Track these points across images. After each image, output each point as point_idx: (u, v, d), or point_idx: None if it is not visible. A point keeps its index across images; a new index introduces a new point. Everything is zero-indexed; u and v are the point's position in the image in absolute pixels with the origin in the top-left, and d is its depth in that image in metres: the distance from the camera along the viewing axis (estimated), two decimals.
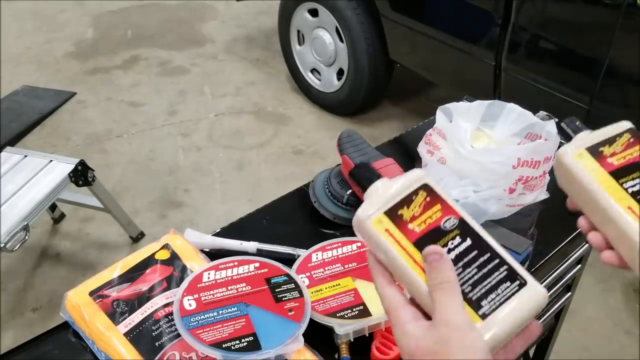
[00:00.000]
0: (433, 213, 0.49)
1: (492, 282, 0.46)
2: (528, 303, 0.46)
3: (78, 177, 1.91)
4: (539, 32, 1.87)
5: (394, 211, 0.49)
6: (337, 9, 2.56)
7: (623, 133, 0.56)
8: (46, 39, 3.79)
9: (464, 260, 0.47)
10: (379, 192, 0.51)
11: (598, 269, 2.00)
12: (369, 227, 0.49)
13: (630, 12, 1.52)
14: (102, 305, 0.75)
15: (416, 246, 0.48)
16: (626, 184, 0.53)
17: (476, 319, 0.45)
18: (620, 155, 0.55)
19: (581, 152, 0.56)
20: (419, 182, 0.51)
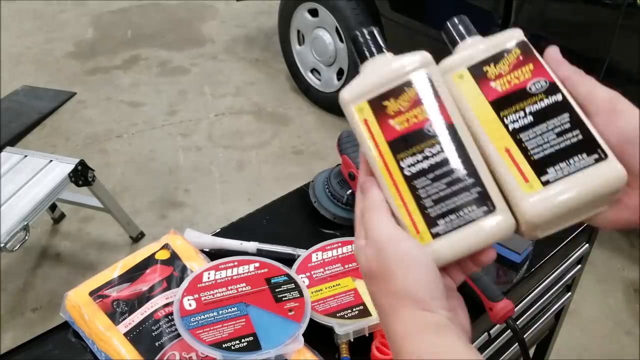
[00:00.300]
0: (420, 112, 0.44)
1: (457, 202, 0.42)
2: (488, 231, 0.42)
3: (78, 177, 1.91)
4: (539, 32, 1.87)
5: (378, 101, 0.45)
6: (337, 9, 2.56)
7: (512, 49, 0.47)
8: (46, 39, 3.79)
9: (435, 172, 0.43)
10: (373, 71, 0.46)
11: (598, 269, 2.00)
12: (351, 111, 0.46)
13: (631, 12, 1.52)
14: (102, 305, 0.75)
15: (390, 147, 0.44)
16: (507, 118, 0.44)
17: (427, 237, 0.42)
18: (506, 78, 0.46)
19: (462, 73, 0.47)
20: (419, 70, 0.45)
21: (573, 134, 0.42)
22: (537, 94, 0.44)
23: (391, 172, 0.44)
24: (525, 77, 0.45)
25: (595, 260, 2.00)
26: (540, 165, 0.42)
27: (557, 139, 0.43)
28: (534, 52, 0.46)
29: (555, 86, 0.44)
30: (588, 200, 0.41)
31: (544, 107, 0.44)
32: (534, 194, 0.42)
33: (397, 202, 0.44)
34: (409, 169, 0.44)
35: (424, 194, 0.43)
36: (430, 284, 0.40)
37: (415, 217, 0.43)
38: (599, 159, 0.41)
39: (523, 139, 0.43)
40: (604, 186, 0.41)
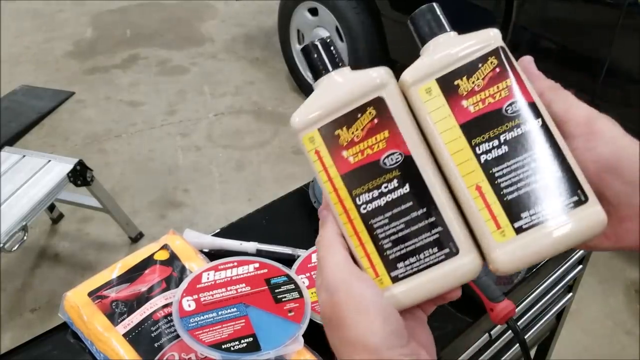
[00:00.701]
0: (377, 141, 0.40)
1: (417, 243, 0.39)
2: (451, 275, 0.39)
3: (77, 177, 1.90)
4: (540, 31, 1.87)
5: (329, 129, 0.40)
6: (337, 8, 2.55)
7: (487, 57, 0.39)
8: (45, 39, 3.78)
9: (394, 210, 0.39)
10: (325, 93, 0.42)
11: (600, 270, 2.00)
12: (300, 141, 0.41)
13: (632, 11, 1.52)
14: (101, 305, 0.74)
15: (344, 181, 0.40)
16: (480, 147, 0.39)
17: (387, 280, 0.39)
18: (480, 95, 0.39)
19: (430, 86, 0.40)
20: (372, 93, 0.40)
21: (551, 170, 0.38)
22: (514, 118, 0.38)
23: (347, 209, 0.40)
24: (501, 95, 0.39)
25: (597, 260, 2.00)
26: (514, 209, 0.38)
27: (533, 175, 0.38)
28: (513, 61, 0.40)
29: (534, 108, 0.39)
30: (565, 247, 0.38)
31: (522, 134, 0.38)
32: (505, 243, 0.38)
33: (354, 241, 0.40)
34: (365, 206, 0.40)
35: (382, 234, 0.39)
36: (386, 332, 0.36)
37: (373, 259, 0.40)
38: (579, 202, 0.37)
39: (496, 174, 0.38)
40: (583, 233, 0.37)
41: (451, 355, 0.76)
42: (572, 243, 0.38)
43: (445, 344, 0.73)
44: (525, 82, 0.39)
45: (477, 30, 0.41)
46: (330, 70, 0.43)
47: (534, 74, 0.41)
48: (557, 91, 0.40)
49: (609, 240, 0.40)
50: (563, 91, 0.40)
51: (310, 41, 0.43)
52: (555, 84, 0.41)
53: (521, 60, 0.41)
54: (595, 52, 1.69)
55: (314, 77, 0.43)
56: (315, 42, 0.43)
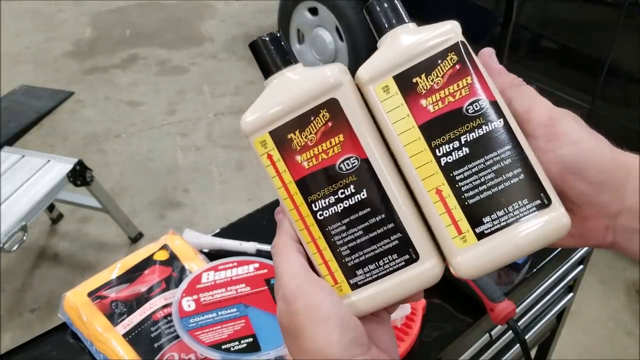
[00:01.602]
0: (332, 145, 0.38)
1: (376, 250, 0.38)
2: (412, 281, 0.38)
3: (76, 177, 1.90)
4: (540, 31, 1.86)
5: (282, 133, 0.39)
6: (337, 8, 2.55)
7: (447, 52, 0.37)
8: (44, 38, 3.78)
9: (351, 217, 0.38)
10: (276, 93, 0.40)
11: (600, 270, 2.00)
12: (251, 145, 0.40)
13: (632, 11, 1.52)
14: (101, 306, 0.74)
15: (299, 187, 0.39)
16: (440, 150, 0.37)
17: (346, 288, 0.38)
18: (439, 94, 0.37)
19: (388, 84, 0.38)
20: (326, 94, 0.38)
21: (514, 172, 0.36)
22: (475, 118, 0.37)
23: (303, 216, 0.39)
24: (462, 93, 0.37)
25: (597, 261, 1.99)
26: (475, 213, 0.37)
27: (495, 178, 0.37)
28: (474, 57, 0.38)
29: (496, 107, 0.37)
30: (528, 251, 0.37)
31: (483, 135, 0.37)
32: (467, 249, 0.37)
33: (312, 248, 0.39)
34: (322, 212, 0.38)
35: (340, 241, 0.38)
36: (344, 342, 0.35)
37: (332, 266, 0.39)
38: (542, 205, 0.36)
39: (457, 177, 0.37)
40: (547, 237, 0.37)
41: (451, 355, 0.76)
42: (534, 248, 0.37)
43: (445, 344, 0.73)
44: (487, 80, 0.38)
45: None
46: (281, 68, 0.41)
47: (494, 69, 0.39)
48: (518, 88, 0.39)
49: (574, 239, 0.39)
50: (525, 87, 0.39)
51: (259, 36, 0.41)
52: (517, 79, 0.39)
53: (481, 53, 0.40)
54: (595, 52, 1.69)
55: (265, 76, 0.41)
56: (264, 38, 0.41)
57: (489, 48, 0.40)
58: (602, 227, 0.38)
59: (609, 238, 0.38)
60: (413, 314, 0.73)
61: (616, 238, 0.38)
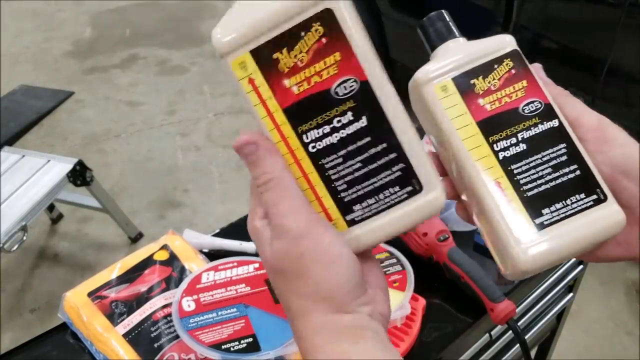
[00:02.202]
0: (327, 66, 0.33)
1: (377, 183, 0.35)
2: (413, 214, 0.35)
3: (76, 177, 1.90)
4: (541, 31, 1.87)
5: (266, 52, 0.33)
6: None
7: (503, 59, 0.39)
8: (44, 38, 3.78)
9: (349, 147, 0.34)
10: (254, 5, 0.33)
11: (600, 270, 2.00)
12: (227, 67, 0.34)
13: (632, 11, 1.52)
14: (101, 306, 0.74)
15: (287, 115, 0.34)
16: (498, 145, 0.38)
17: (342, 224, 0.36)
18: (496, 95, 0.39)
19: (446, 84, 0.39)
20: (318, 5, 0.33)
21: (570, 168, 0.38)
22: (531, 118, 0.39)
23: (292, 148, 0.35)
24: (518, 95, 0.39)
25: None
26: (534, 205, 0.38)
27: (553, 173, 0.38)
28: (527, 65, 0.40)
29: (551, 109, 0.39)
30: (583, 248, 0.38)
31: (539, 133, 0.38)
32: (526, 240, 0.37)
33: (302, 184, 0.35)
34: (315, 144, 0.35)
35: (336, 175, 0.35)
36: (351, 283, 0.34)
37: (326, 202, 0.36)
38: (598, 200, 0.37)
39: (515, 170, 0.38)
40: (602, 233, 0.37)
41: (451, 355, 0.76)
42: (593, 240, 0.38)
43: (445, 344, 0.73)
44: (540, 84, 0.40)
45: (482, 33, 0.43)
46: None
47: (544, 80, 0.41)
48: (567, 97, 0.41)
49: (620, 247, 0.39)
50: (573, 98, 0.41)
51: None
52: (565, 90, 0.41)
53: (531, 67, 0.42)
54: (596, 51, 1.69)
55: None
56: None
57: (537, 64, 0.42)
58: None
59: None
60: (413, 314, 0.73)
61: None
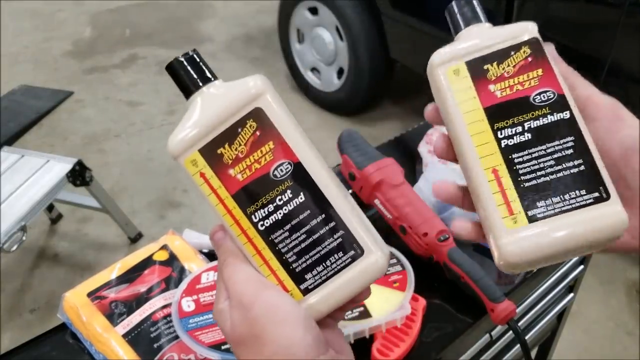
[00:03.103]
0: (263, 154, 0.38)
1: (322, 251, 0.38)
2: (360, 276, 0.38)
3: (76, 177, 1.90)
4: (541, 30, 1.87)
5: (211, 149, 0.39)
6: (337, 7, 2.55)
7: (521, 46, 0.39)
8: (44, 38, 3.78)
9: (293, 222, 0.38)
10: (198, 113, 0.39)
11: (601, 270, 2.00)
12: (182, 166, 0.40)
13: (632, 11, 1.52)
14: (100, 306, 0.74)
15: (236, 200, 0.39)
16: (502, 132, 0.38)
17: (298, 294, 0.39)
18: (508, 82, 0.39)
19: (459, 67, 0.40)
20: (249, 105, 0.39)
21: (575, 162, 0.37)
22: (542, 107, 0.38)
23: (244, 229, 0.39)
24: (531, 84, 0.38)
25: (598, 261, 1.99)
26: (530, 196, 0.37)
27: (555, 166, 0.37)
28: (547, 54, 0.39)
29: (564, 100, 0.38)
30: (578, 246, 0.36)
31: (547, 124, 0.38)
32: (517, 230, 0.36)
33: (257, 260, 0.39)
34: (263, 222, 0.39)
35: (285, 248, 0.39)
36: (307, 341, 0.36)
37: (280, 274, 0.39)
38: (600, 198, 0.36)
39: (516, 160, 0.37)
40: (599, 232, 0.36)
41: (452, 355, 0.76)
42: (588, 240, 0.36)
43: (445, 345, 0.73)
44: (557, 74, 0.39)
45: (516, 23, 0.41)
46: (201, 86, 0.41)
47: (557, 58, 0.41)
48: (579, 77, 0.40)
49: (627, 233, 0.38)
50: (584, 79, 0.41)
51: (175, 57, 0.42)
52: (575, 71, 0.41)
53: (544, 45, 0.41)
54: (596, 51, 1.69)
55: (186, 96, 0.41)
56: (179, 59, 0.42)
57: (550, 43, 0.41)
58: None
59: None
60: (413, 314, 0.73)
61: None
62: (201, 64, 0.42)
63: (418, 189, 0.88)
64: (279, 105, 0.40)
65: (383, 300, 0.71)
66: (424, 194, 0.86)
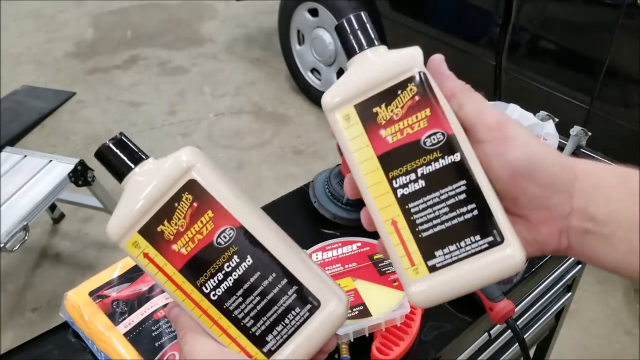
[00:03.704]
0: (204, 224, 0.38)
1: (278, 310, 0.38)
2: (322, 327, 0.39)
3: (78, 177, 1.91)
4: (540, 31, 1.87)
5: (150, 228, 0.38)
6: (337, 9, 2.55)
7: (407, 83, 0.37)
8: (46, 39, 3.78)
9: (245, 286, 0.38)
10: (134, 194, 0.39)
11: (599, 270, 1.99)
12: (125, 251, 0.39)
13: (631, 11, 1.52)
14: (102, 305, 0.74)
15: (184, 274, 0.38)
16: (397, 181, 0.37)
17: (262, 358, 0.39)
18: (398, 125, 0.37)
19: (349, 113, 0.38)
20: (182, 179, 0.38)
21: (468, 207, 0.37)
22: (432, 151, 0.37)
23: (197, 302, 0.38)
24: (420, 125, 0.37)
25: None
26: (429, 246, 0.37)
27: (450, 213, 0.37)
28: (433, 87, 0.38)
29: (453, 140, 0.37)
30: (477, 286, 0.38)
31: (439, 169, 0.37)
32: (419, 280, 0.38)
33: (216, 331, 0.39)
34: (214, 291, 0.38)
35: (241, 314, 0.38)
36: None
37: (241, 341, 0.39)
38: (494, 242, 0.36)
39: (412, 209, 0.37)
40: (496, 274, 0.37)
41: (450, 354, 0.76)
42: (485, 283, 0.37)
43: (444, 344, 0.73)
44: (446, 111, 0.37)
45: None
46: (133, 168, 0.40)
47: (444, 74, 0.39)
48: (468, 93, 0.39)
49: (531, 246, 0.39)
50: (474, 94, 0.39)
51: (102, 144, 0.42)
52: (466, 85, 0.39)
53: (431, 60, 0.40)
54: (594, 52, 1.69)
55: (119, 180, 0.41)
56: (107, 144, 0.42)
57: (438, 55, 0.40)
58: (556, 230, 0.38)
59: (563, 242, 0.38)
60: (412, 314, 0.73)
61: (570, 241, 0.38)
62: (131, 145, 0.41)
63: None
64: (212, 172, 0.39)
65: (382, 299, 0.71)
66: None
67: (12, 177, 1.88)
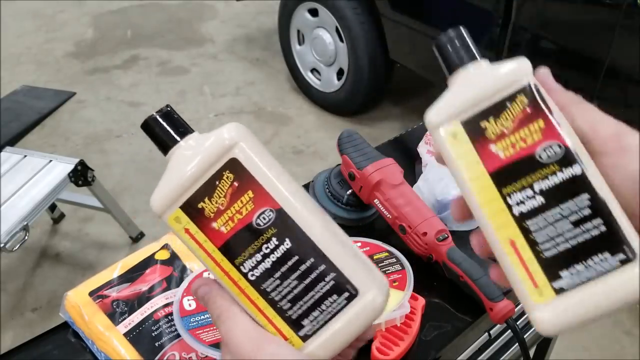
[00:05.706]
0: (244, 204, 0.38)
1: (315, 295, 0.38)
2: (358, 317, 0.38)
3: (78, 177, 1.91)
4: (540, 32, 1.87)
5: (192, 204, 0.39)
6: (337, 9, 2.55)
7: (516, 95, 0.35)
8: (46, 39, 3.78)
9: (282, 269, 0.38)
10: (176, 170, 0.39)
11: None
12: (166, 223, 0.40)
13: (631, 12, 1.52)
14: (102, 305, 0.74)
15: (223, 252, 0.39)
16: (512, 198, 0.35)
17: (297, 341, 0.38)
18: (510, 139, 0.35)
19: (456, 131, 0.36)
20: (224, 157, 0.38)
21: (594, 223, 0.34)
22: (549, 165, 0.35)
23: (235, 280, 0.39)
24: (534, 138, 0.35)
25: None
26: (553, 267, 0.35)
27: (574, 230, 0.34)
28: (545, 98, 0.36)
29: (571, 152, 0.34)
30: (610, 311, 0.34)
31: (558, 184, 0.35)
32: (545, 304, 0.35)
33: (253, 310, 0.39)
34: (252, 272, 0.38)
35: (278, 296, 0.38)
36: None
37: (277, 323, 0.39)
38: (626, 259, 0.34)
39: (531, 228, 0.35)
40: (631, 296, 0.34)
41: (451, 354, 0.76)
42: (620, 305, 0.34)
43: (444, 343, 0.73)
44: (560, 122, 0.35)
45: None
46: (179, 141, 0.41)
47: (552, 88, 0.37)
48: (579, 105, 0.37)
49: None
50: (587, 105, 0.37)
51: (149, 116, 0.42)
52: (576, 96, 0.38)
53: (537, 73, 0.38)
54: (594, 52, 1.69)
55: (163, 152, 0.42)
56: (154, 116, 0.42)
57: (544, 67, 0.38)
58: None
59: None
60: (412, 313, 0.73)
61: None
62: (177, 119, 0.42)
63: (417, 189, 0.89)
64: (255, 152, 0.39)
65: None
66: (423, 194, 0.87)
67: (12, 177, 1.88)
